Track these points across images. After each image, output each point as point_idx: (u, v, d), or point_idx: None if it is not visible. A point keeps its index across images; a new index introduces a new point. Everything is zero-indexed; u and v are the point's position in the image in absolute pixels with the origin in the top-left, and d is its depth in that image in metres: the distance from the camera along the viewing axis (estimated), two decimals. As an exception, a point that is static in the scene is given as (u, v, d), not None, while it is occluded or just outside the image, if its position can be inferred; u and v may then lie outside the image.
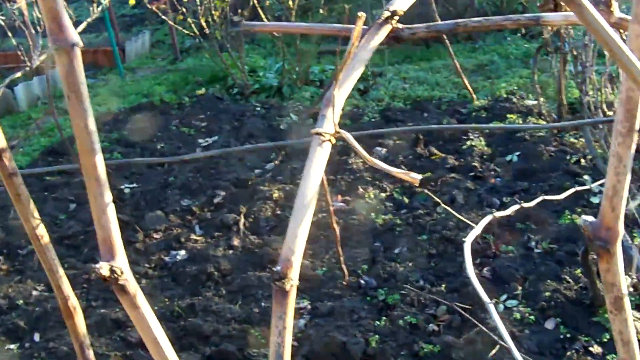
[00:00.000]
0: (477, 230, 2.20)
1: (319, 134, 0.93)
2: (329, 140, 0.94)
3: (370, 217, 5.02)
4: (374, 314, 4.12)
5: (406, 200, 5.23)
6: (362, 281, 4.38)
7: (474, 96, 7.01)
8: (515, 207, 2.50)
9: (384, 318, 4.07)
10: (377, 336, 3.92)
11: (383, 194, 5.31)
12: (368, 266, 4.53)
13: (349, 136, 0.96)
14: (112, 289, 0.83)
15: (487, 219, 2.31)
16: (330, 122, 0.95)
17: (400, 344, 3.88)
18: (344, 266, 4.16)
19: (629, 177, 0.76)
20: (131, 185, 5.97)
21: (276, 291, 0.83)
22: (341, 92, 0.96)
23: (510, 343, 1.71)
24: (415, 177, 0.95)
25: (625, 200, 0.78)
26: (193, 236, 5.15)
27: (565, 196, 2.87)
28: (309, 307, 4.26)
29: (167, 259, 4.95)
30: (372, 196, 5.29)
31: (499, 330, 1.78)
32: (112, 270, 0.82)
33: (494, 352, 3.48)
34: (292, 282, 0.84)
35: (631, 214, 4.86)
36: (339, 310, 4.15)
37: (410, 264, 4.50)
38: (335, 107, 0.95)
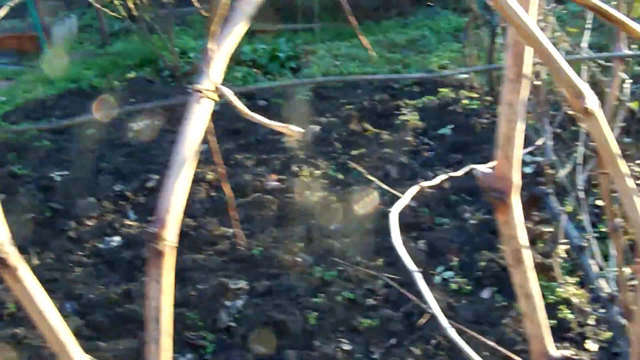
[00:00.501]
0: (404, 200, 2.19)
1: (198, 91, 0.90)
2: (208, 97, 0.91)
3: (305, 195, 5.00)
4: (311, 291, 4.11)
5: (341, 176, 5.22)
6: (299, 259, 4.37)
7: (372, 51, 7.00)
8: (443, 176, 2.51)
9: (321, 295, 4.06)
10: (315, 313, 3.92)
11: (317, 172, 5.30)
12: (304, 244, 4.52)
13: (227, 92, 0.93)
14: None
15: (414, 189, 2.31)
16: (209, 79, 0.92)
17: (338, 320, 3.89)
18: (238, 230, 4.17)
19: (521, 125, 0.75)
20: (61, 173, 5.83)
21: (151, 253, 0.80)
22: (222, 48, 0.93)
23: (438, 310, 1.71)
24: (295, 130, 0.93)
25: (519, 148, 0.77)
26: (127, 221, 5.07)
27: (492, 165, 2.90)
28: (246, 287, 4.23)
29: (101, 245, 4.86)
30: (306, 174, 5.27)
31: (425, 299, 1.78)
32: (-10, 244, 0.78)
33: (424, 321, 3.50)
34: (167, 242, 0.81)
35: (561, 182, 4.95)
36: (276, 289, 4.13)
37: (346, 240, 4.50)
38: (214, 62, 0.92)
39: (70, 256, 4.69)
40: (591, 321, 3.82)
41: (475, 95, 6.45)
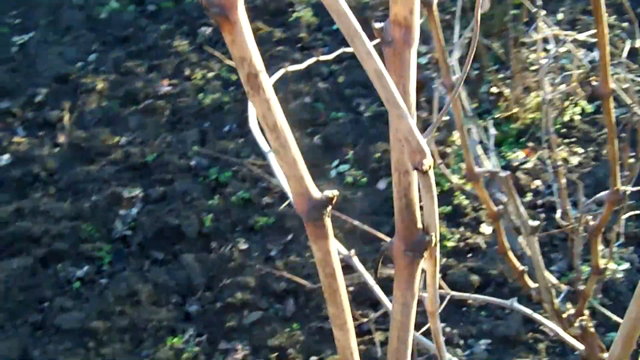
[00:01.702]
0: (271, 80, 2.13)
1: None
2: None
3: (198, 98, 4.89)
4: (207, 194, 4.07)
5: (234, 77, 5.12)
6: (193, 162, 4.31)
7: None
8: (311, 60, 2.46)
9: (217, 196, 4.03)
10: (211, 215, 3.89)
11: (210, 74, 5.18)
12: (199, 147, 4.45)
13: None
14: None
15: (279, 73, 2.25)
16: None
17: (234, 220, 3.87)
18: None
19: None
20: (-57, 93, 5.56)
21: None
22: None
23: (287, 189, 1.68)
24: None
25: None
26: (16, 138, 4.88)
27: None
28: (140, 195, 4.16)
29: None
30: (199, 77, 5.15)
31: (277, 180, 1.75)
32: None
33: (284, 205, 3.50)
34: None
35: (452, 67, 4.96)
36: (170, 194, 4.08)
37: (240, 141, 4.44)
38: None
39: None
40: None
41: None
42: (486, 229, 3.83)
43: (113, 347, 3.23)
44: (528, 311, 1.69)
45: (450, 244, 3.69)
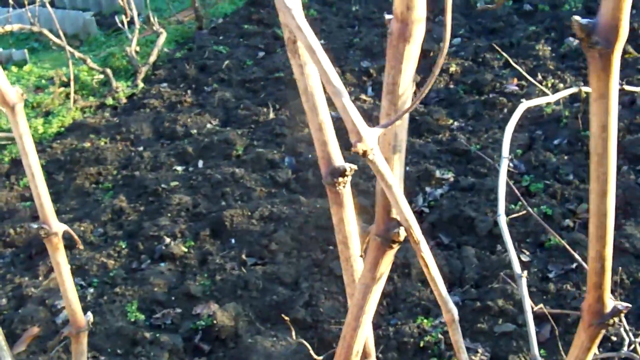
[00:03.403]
0: None
1: None
2: None
3: (540, 105, 4.80)
4: (511, 198, 4.01)
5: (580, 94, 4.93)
6: (512, 164, 4.26)
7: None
8: None
9: (519, 204, 3.94)
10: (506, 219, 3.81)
11: (561, 84, 5.04)
12: (522, 152, 4.38)
13: None
14: None
15: None
16: None
17: (526, 232, 3.75)
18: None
19: None
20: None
21: None
22: None
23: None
24: None
25: None
26: (363, 96, 5.21)
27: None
28: (451, 179, 4.23)
29: (333, 114, 5.05)
30: (549, 84, 5.04)
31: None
32: None
33: None
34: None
35: None
36: (479, 187, 4.09)
37: (565, 157, 4.29)
38: None
39: (302, 117, 4.93)
40: None
41: None
42: None
43: (368, 306, 3.36)
44: None
45: None
